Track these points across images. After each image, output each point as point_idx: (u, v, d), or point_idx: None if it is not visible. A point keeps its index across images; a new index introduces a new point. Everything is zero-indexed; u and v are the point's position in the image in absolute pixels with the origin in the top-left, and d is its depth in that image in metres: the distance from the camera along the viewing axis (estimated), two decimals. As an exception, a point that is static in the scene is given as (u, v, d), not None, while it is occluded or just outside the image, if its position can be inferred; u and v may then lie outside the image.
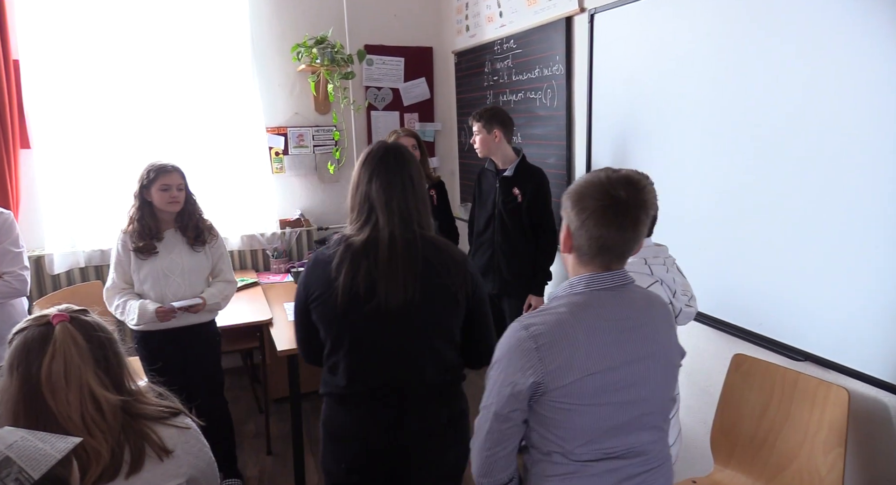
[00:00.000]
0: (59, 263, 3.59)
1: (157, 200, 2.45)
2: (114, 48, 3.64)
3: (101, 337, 1.15)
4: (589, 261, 1.23)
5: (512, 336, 1.21)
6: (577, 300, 1.21)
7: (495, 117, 2.90)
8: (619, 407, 1.19)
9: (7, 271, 2.23)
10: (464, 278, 1.56)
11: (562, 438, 1.20)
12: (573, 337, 1.16)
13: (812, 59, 1.83)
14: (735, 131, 2.13)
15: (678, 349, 1.32)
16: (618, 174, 1.21)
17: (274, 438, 3.31)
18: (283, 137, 4.18)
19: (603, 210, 1.17)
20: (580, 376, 1.16)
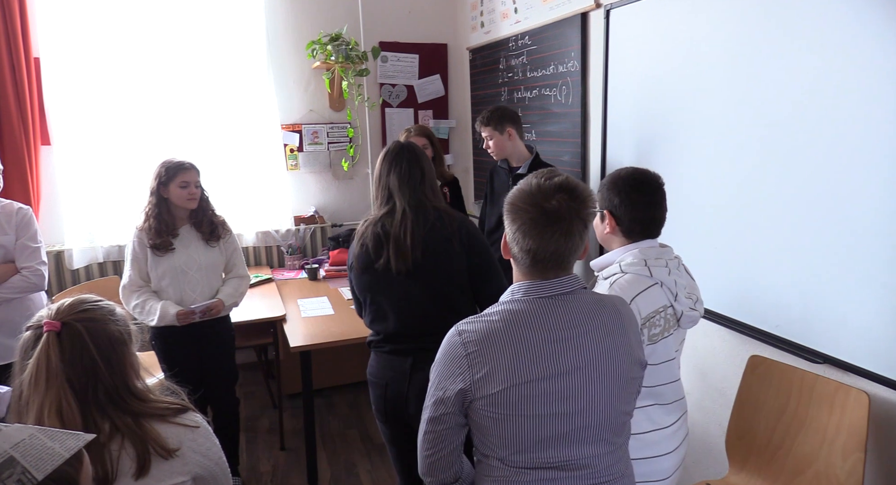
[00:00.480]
0: (79, 258, 3.64)
1: (175, 196, 2.47)
2: (132, 46, 3.67)
3: (95, 347, 1.11)
4: (526, 270, 1.21)
5: (448, 340, 1.22)
6: (512, 308, 1.19)
7: (504, 117, 2.87)
8: (550, 418, 1.14)
9: (25, 266, 2.26)
10: (458, 228, 1.91)
11: (493, 444, 1.18)
12: (501, 347, 1.15)
13: (832, 56, 1.78)
14: (753, 129, 2.09)
15: (634, 360, 1.23)
16: (551, 182, 1.17)
17: (287, 433, 3.33)
18: (298, 133, 4.19)
19: (532, 222, 1.15)
20: (504, 387, 1.13)
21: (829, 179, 1.82)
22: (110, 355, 1.13)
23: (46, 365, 1.08)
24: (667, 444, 1.58)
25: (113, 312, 1.19)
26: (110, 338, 1.14)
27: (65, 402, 1.06)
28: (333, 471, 3.00)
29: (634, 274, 1.53)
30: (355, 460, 3.09)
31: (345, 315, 3.06)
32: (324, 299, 3.34)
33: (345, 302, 3.29)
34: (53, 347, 1.08)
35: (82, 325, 1.12)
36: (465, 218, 1.99)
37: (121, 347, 1.15)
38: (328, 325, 2.92)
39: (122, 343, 1.16)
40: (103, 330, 1.14)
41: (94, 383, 1.10)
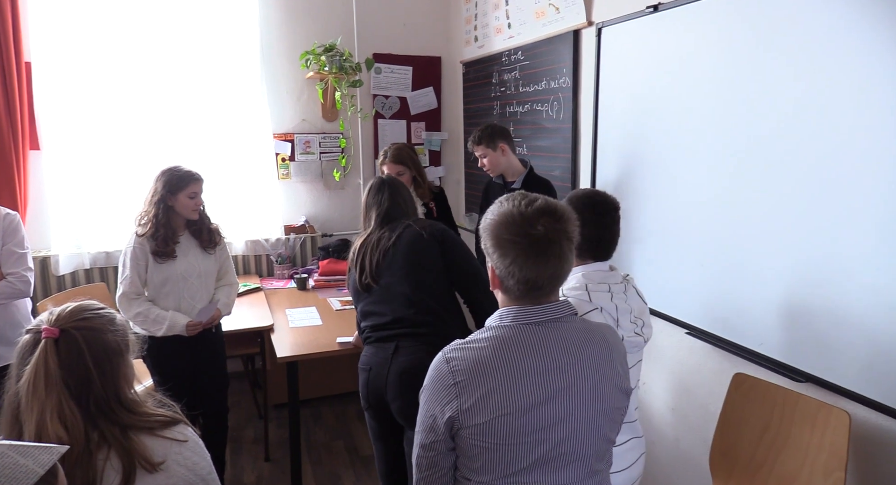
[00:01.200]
0: (65, 264, 3.61)
1: (182, 206, 2.47)
2: (124, 52, 3.68)
3: (90, 356, 1.10)
4: (518, 298, 1.19)
5: (436, 367, 1.20)
6: (501, 335, 1.17)
7: (494, 133, 2.90)
8: (535, 446, 1.14)
9: (11, 272, 2.24)
10: (428, 225, 2.16)
11: (478, 470, 1.18)
12: (491, 376, 1.13)
13: (818, 74, 1.82)
14: (741, 146, 2.12)
15: (621, 389, 1.23)
16: (532, 207, 1.15)
17: (272, 444, 3.30)
18: (290, 143, 4.20)
19: (525, 253, 1.13)
20: (494, 416, 1.12)
21: (816, 198, 1.85)
22: (104, 366, 1.12)
23: (45, 371, 1.07)
24: (623, 458, 1.61)
25: (113, 320, 1.18)
26: (106, 348, 1.13)
27: (66, 407, 1.06)
28: (318, 482, 2.98)
29: (574, 299, 1.54)
30: (340, 472, 3.08)
31: (333, 325, 3.05)
32: (312, 309, 3.33)
33: (333, 312, 3.28)
34: (51, 353, 1.08)
35: (80, 333, 1.10)
36: (437, 222, 2.24)
37: (116, 357, 1.14)
38: (316, 335, 2.92)
39: (117, 354, 1.15)
40: (101, 339, 1.13)
41: (86, 391, 1.10)
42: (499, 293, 1.24)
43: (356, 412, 3.72)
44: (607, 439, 1.22)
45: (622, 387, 1.23)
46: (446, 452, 1.20)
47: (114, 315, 1.20)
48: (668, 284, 2.48)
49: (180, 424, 1.19)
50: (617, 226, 1.64)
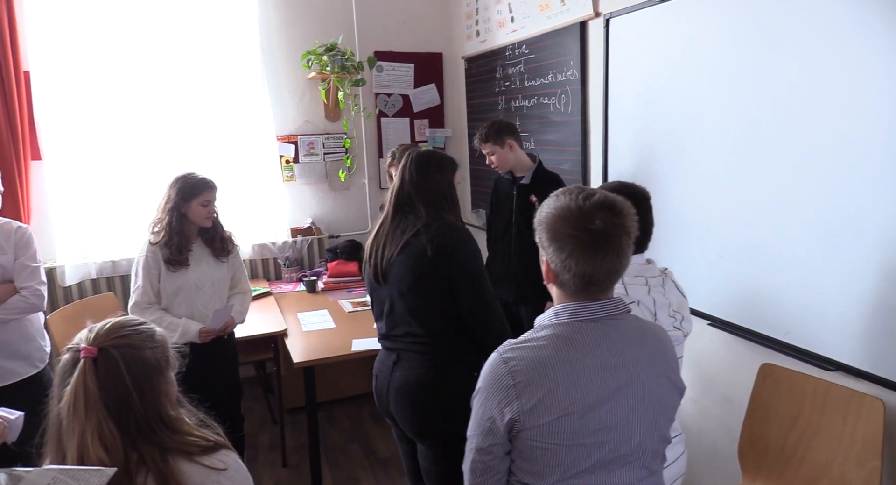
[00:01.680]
0: (71, 274, 3.58)
1: (195, 213, 2.44)
2: (123, 57, 3.63)
3: (129, 376, 1.07)
4: (574, 293, 1.17)
5: (492, 369, 1.17)
6: (560, 333, 1.15)
7: (502, 130, 2.86)
8: (598, 447, 1.12)
9: (24, 286, 2.21)
10: (438, 232, 1.84)
11: (538, 473, 1.15)
12: (552, 376, 1.11)
13: (832, 60, 1.79)
14: (758, 136, 2.10)
15: (675, 387, 1.23)
16: (591, 201, 1.13)
17: (289, 449, 3.28)
18: (294, 144, 4.16)
19: (583, 247, 1.10)
20: (557, 417, 1.10)
21: (840, 183, 1.83)
22: (144, 385, 1.08)
23: (84, 392, 1.04)
24: (671, 452, 1.56)
25: (152, 336, 1.14)
26: (146, 366, 1.10)
27: (106, 428, 1.03)
28: (337, 487, 2.96)
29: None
30: (359, 475, 3.05)
31: (347, 328, 3.02)
32: (324, 312, 3.30)
33: (346, 315, 3.26)
34: (90, 373, 1.05)
35: (119, 351, 1.07)
36: (451, 229, 1.85)
37: (156, 375, 1.10)
38: (330, 338, 2.89)
39: (157, 371, 1.11)
40: (140, 357, 1.09)
41: (126, 411, 1.06)
42: (553, 288, 1.21)
43: (370, 414, 3.70)
44: (664, 437, 1.20)
45: (676, 384, 1.22)
46: (503, 456, 1.18)
47: (153, 330, 1.16)
48: (687, 275, 2.44)
49: (222, 450, 1.14)
50: (650, 217, 1.60)
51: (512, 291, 2.98)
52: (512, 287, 2.98)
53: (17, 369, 2.23)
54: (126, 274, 3.75)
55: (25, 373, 2.26)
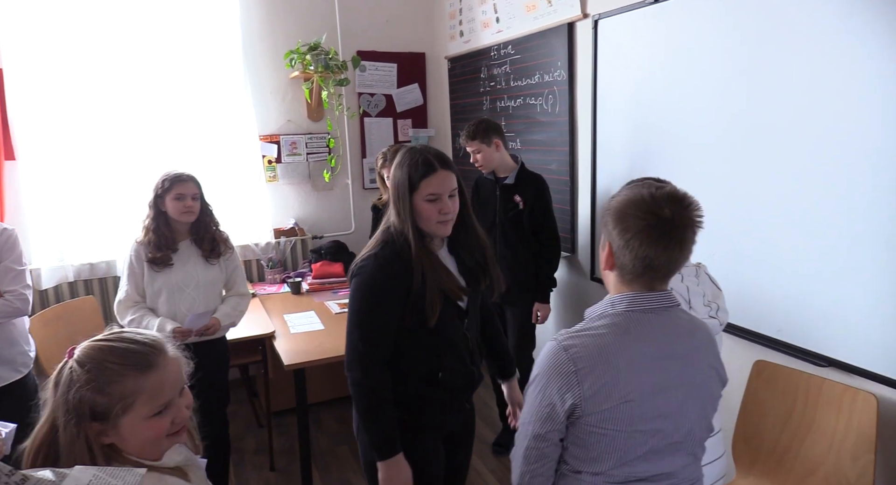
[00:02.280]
0: (47, 277, 3.47)
1: (171, 209, 2.39)
2: (100, 54, 3.54)
3: (60, 396, 1.01)
4: (632, 280, 1.20)
5: (551, 356, 1.18)
6: (619, 322, 1.18)
7: (489, 128, 2.88)
8: (654, 434, 1.16)
9: (9, 290, 2.13)
10: (365, 254, 1.68)
11: (593, 459, 1.18)
12: (614, 362, 1.14)
13: (819, 61, 1.83)
14: (746, 135, 2.14)
15: (721, 378, 1.28)
16: (662, 191, 1.17)
17: (276, 452, 3.23)
18: (276, 144, 4.11)
19: (648, 230, 1.14)
20: (618, 403, 1.14)
21: (828, 181, 1.87)
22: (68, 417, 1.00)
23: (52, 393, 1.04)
24: (715, 449, 1.61)
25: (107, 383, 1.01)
26: (71, 403, 1.00)
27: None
28: (327, 491, 2.93)
29: None
30: (349, 478, 3.02)
31: (335, 329, 2.99)
32: (311, 314, 3.27)
33: (333, 316, 3.22)
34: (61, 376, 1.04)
35: (70, 371, 1.03)
36: (366, 257, 1.64)
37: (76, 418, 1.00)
38: (320, 340, 2.86)
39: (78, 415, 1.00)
40: (69, 393, 1.01)
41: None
42: (610, 276, 1.24)
43: (357, 416, 3.66)
44: (710, 426, 1.25)
45: (721, 376, 1.28)
46: (557, 443, 1.21)
47: (121, 376, 1.01)
48: (678, 274, 2.49)
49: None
50: None
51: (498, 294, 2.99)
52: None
53: (0, 374, 2.16)
54: (104, 277, 3.66)
55: (9, 378, 2.19)
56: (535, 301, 2.97)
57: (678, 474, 1.21)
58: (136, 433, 1.02)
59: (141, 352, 1.05)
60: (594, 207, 3.01)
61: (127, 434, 1.02)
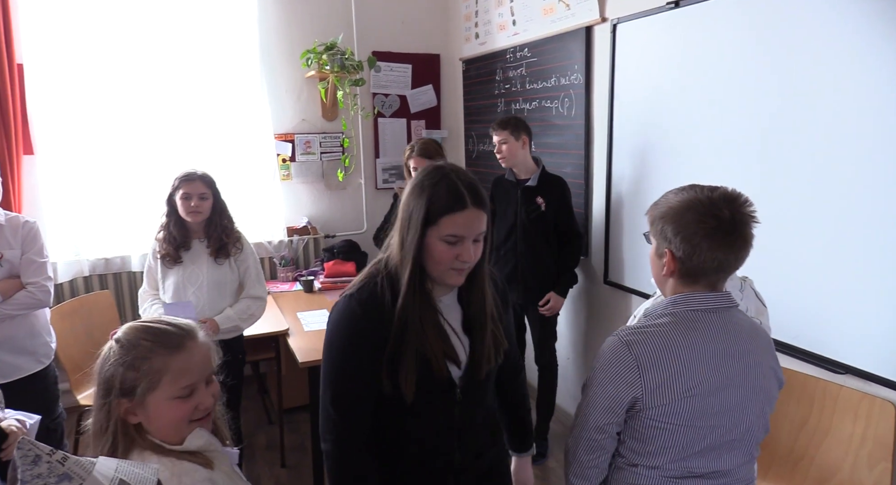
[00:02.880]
0: (63, 271, 3.51)
1: (180, 208, 2.41)
2: (119, 52, 3.57)
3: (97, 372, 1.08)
4: (696, 282, 1.23)
5: (614, 352, 1.22)
6: (680, 320, 1.21)
7: (520, 124, 2.90)
8: (712, 430, 1.19)
9: (31, 282, 2.16)
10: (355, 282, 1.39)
11: (651, 453, 1.22)
12: (677, 357, 1.18)
13: (838, 66, 1.84)
14: (766, 141, 2.14)
15: (778, 379, 1.31)
16: (717, 193, 1.20)
17: (287, 449, 3.25)
18: (291, 143, 4.13)
19: (714, 233, 1.16)
20: (679, 397, 1.17)
21: (845, 186, 1.87)
22: (99, 390, 1.08)
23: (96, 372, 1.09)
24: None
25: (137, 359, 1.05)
26: (104, 379, 1.08)
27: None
28: (339, 488, 2.93)
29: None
30: (360, 477, 3.03)
31: (349, 329, 3.00)
32: (324, 312, 3.28)
33: (346, 315, 3.23)
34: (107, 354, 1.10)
35: (108, 349, 1.10)
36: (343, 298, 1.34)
37: (107, 393, 1.07)
38: (334, 339, 2.86)
39: (109, 390, 1.06)
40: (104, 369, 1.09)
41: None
42: (670, 281, 1.26)
43: (367, 415, 3.68)
44: (767, 427, 1.28)
45: (779, 377, 1.30)
46: (615, 436, 1.25)
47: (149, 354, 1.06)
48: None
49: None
50: None
51: (520, 295, 3.00)
52: (519, 291, 2.99)
53: (22, 365, 2.19)
54: (119, 272, 3.69)
55: (31, 369, 2.22)
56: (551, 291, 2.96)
57: (733, 474, 1.23)
58: (160, 414, 1.07)
59: (172, 333, 1.10)
60: (608, 210, 3.01)
61: (152, 413, 1.06)
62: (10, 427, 1.42)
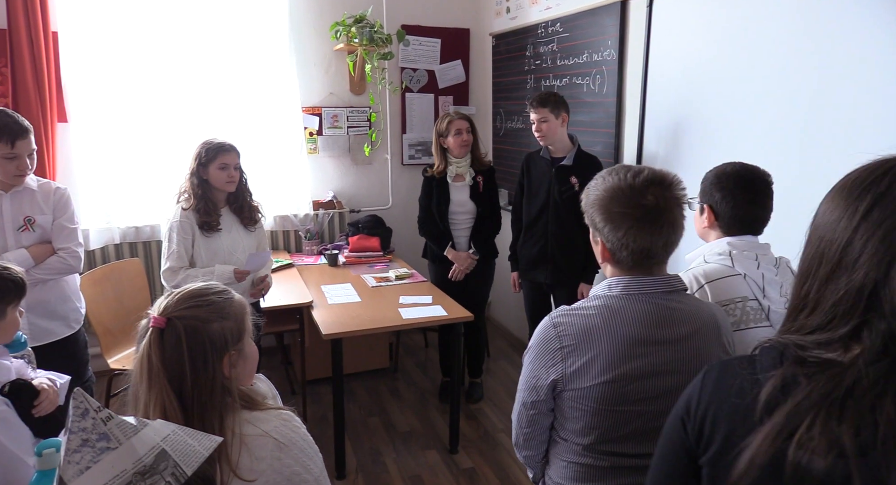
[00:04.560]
0: (95, 238, 3.57)
1: (214, 178, 2.43)
2: (152, 23, 3.58)
3: (188, 352, 1.04)
4: (630, 269, 1.21)
5: (542, 331, 1.24)
6: (610, 304, 1.20)
7: (560, 101, 2.85)
8: (639, 416, 1.17)
9: (62, 247, 2.20)
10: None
11: (577, 431, 1.22)
12: (597, 342, 1.16)
13: (891, 49, 1.76)
14: (803, 123, 2.07)
15: None
16: (640, 178, 1.17)
17: (309, 420, 3.30)
18: (318, 117, 4.13)
19: (639, 223, 1.14)
20: (597, 382, 1.16)
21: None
22: (198, 362, 1.04)
23: (148, 364, 1.03)
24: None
25: (225, 308, 1.10)
26: (209, 341, 1.06)
27: (167, 401, 1.01)
28: (359, 459, 2.98)
29: (715, 264, 1.50)
30: (380, 448, 3.08)
31: (371, 302, 3.03)
32: (348, 286, 3.30)
33: (369, 289, 3.25)
34: (155, 345, 1.03)
35: (184, 323, 1.05)
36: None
37: (216, 352, 1.06)
38: (358, 312, 2.89)
39: (220, 347, 1.07)
40: (205, 331, 1.06)
41: (183, 387, 1.04)
42: (608, 266, 1.25)
43: (388, 389, 3.72)
44: None
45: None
46: (546, 412, 1.27)
47: (229, 300, 1.12)
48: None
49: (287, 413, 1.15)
50: (770, 202, 1.56)
51: (548, 275, 2.97)
52: (549, 270, 2.97)
53: (53, 329, 2.24)
54: (149, 240, 3.75)
55: (62, 333, 2.27)
56: (580, 282, 2.94)
57: None
58: (251, 354, 1.15)
59: (214, 288, 1.14)
60: (638, 190, 2.96)
61: (248, 353, 1.13)
62: (41, 384, 1.46)
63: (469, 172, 3.27)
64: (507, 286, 3.37)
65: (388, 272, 3.52)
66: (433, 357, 4.14)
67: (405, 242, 4.27)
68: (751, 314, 1.49)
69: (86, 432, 0.72)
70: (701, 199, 1.60)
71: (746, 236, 1.55)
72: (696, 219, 1.63)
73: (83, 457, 0.71)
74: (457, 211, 3.31)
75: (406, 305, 2.97)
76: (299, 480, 1.08)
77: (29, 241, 2.19)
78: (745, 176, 1.53)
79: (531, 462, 1.37)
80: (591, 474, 1.22)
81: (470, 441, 3.12)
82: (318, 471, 1.13)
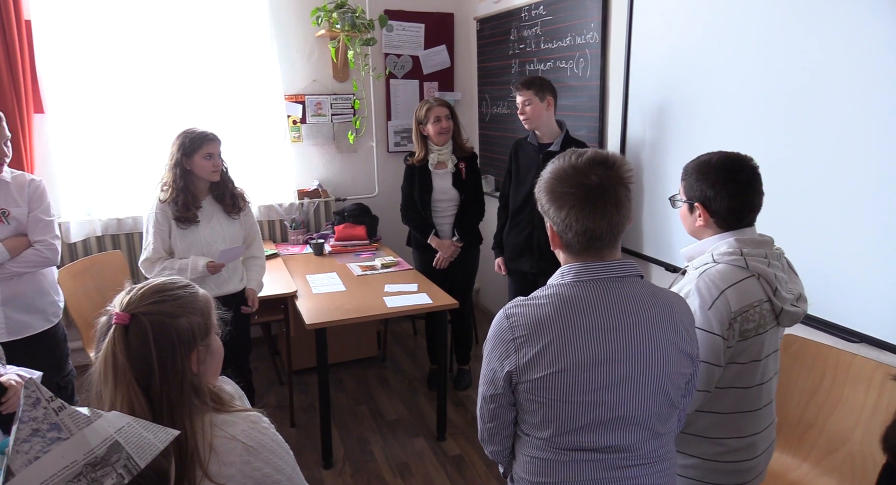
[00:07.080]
0: (76, 231, 3.52)
1: (198, 168, 2.41)
2: (129, 10, 3.51)
3: (155, 348, 1.01)
4: (579, 253, 1.19)
5: (497, 323, 1.22)
6: (561, 292, 1.17)
7: (545, 85, 2.81)
8: (595, 406, 1.14)
9: (38, 240, 2.16)
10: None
11: (536, 425, 1.20)
12: (548, 332, 1.14)
13: (870, 31, 1.74)
14: (783, 105, 2.06)
15: (685, 354, 1.20)
16: (582, 159, 1.15)
17: (297, 409, 3.29)
18: (301, 104, 4.08)
19: (581, 202, 1.13)
20: (549, 372, 1.14)
21: (862, 153, 1.80)
22: (167, 360, 1.02)
23: (114, 363, 1.00)
24: (747, 451, 1.50)
25: (191, 302, 1.08)
26: (176, 336, 1.03)
27: (136, 402, 0.99)
28: (347, 448, 2.98)
29: (728, 264, 1.42)
30: (368, 437, 3.07)
31: (357, 291, 3.01)
32: (333, 275, 3.28)
33: (355, 278, 3.23)
34: (120, 343, 1.00)
35: (150, 319, 1.02)
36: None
37: (184, 347, 1.04)
38: (342, 301, 2.87)
39: (188, 342, 1.05)
40: (172, 326, 1.03)
41: (150, 385, 1.02)
42: (560, 253, 1.24)
43: (376, 377, 3.71)
44: (671, 403, 1.20)
45: (686, 351, 1.21)
46: (507, 406, 1.24)
47: (194, 294, 1.10)
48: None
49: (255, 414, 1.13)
50: (761, 187, 1.49)
51: (533, 263, 2.96)
52: (533, 259, 2.95)
53: (31, 323, 2.21)
54: (131, 232, 3.70)
55: (40, 327, 2.24)
56: None
57: (635, 449, 1.18)
58: (216, 351, 1.13)
59: (178, 282, 1.12)
60: (623, 174, 2.94)
61: (214, 349, 1.12)
62: (9, 381, 1.43)
63: (451, 160, 3.24)
64: (495, 273, 3.35)
65: (374, 261, 3.50)
66: (422, 345, 4.14)
67: (392, 230, 4.25)
68: (767, 317, 1.44)
69: (36, 422, 0.70)
70: (687, 196, 1.52)
71: (747, 230, 1.48)
72: (686, 217, 1.56)
73: (32, 447, 0.69)
74: (439, 199, 3.29)
75: (391, 294, 2.95)
76: (271, 481, 1.07)
77: (3, 233, 2.14)
78: (732, 167, 1.46)
79: (498, 458, 1.35)
80: (551, 468, 1.20)
81: (457, 428, 3.11)
82: (289, 470, 1.10)
